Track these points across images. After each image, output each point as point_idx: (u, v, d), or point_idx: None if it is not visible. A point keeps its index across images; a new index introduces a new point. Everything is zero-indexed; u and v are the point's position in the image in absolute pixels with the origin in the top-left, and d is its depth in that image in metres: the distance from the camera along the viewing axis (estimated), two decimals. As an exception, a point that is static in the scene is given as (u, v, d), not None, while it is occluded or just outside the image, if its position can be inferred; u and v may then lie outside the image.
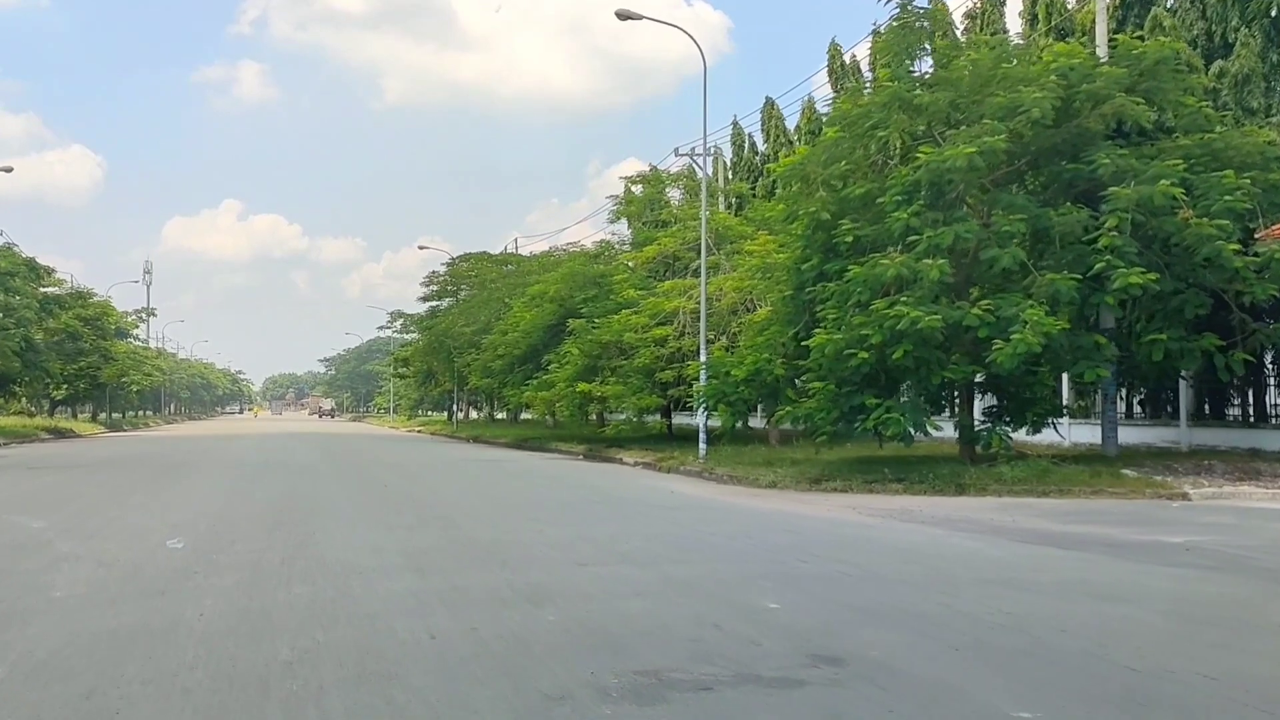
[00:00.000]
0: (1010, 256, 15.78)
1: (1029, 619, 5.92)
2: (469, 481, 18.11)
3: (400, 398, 79.28)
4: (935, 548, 9.38)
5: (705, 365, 21.05)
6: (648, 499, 14.76)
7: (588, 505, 13.61)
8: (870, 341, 15.99)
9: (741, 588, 6.92)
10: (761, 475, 17.96)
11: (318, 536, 9.63)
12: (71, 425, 50.25)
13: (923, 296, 15.84)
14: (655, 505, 13.68)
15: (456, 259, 49.37)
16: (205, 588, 6.80)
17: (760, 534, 10.25)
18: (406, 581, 7.09)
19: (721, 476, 18.95)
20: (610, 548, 9.05)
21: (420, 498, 14.42)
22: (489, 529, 10.46)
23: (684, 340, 25.16)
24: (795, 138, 38.50)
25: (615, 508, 13.30)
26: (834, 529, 10.86)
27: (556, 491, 16.12)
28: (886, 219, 16.82)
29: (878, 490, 16.19)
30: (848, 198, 17.79)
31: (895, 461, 18.18)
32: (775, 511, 12.83)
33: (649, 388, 25.49)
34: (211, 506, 12.60)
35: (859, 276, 16.46)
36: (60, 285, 47.53)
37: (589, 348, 26.22)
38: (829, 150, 18.14)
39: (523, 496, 15.07)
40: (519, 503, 13.88)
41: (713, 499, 14.98)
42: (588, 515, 12.13)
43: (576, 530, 10.40)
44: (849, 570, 7.74)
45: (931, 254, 16.04)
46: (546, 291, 32.67)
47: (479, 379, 36.74)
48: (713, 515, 12.27)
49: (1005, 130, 16.06)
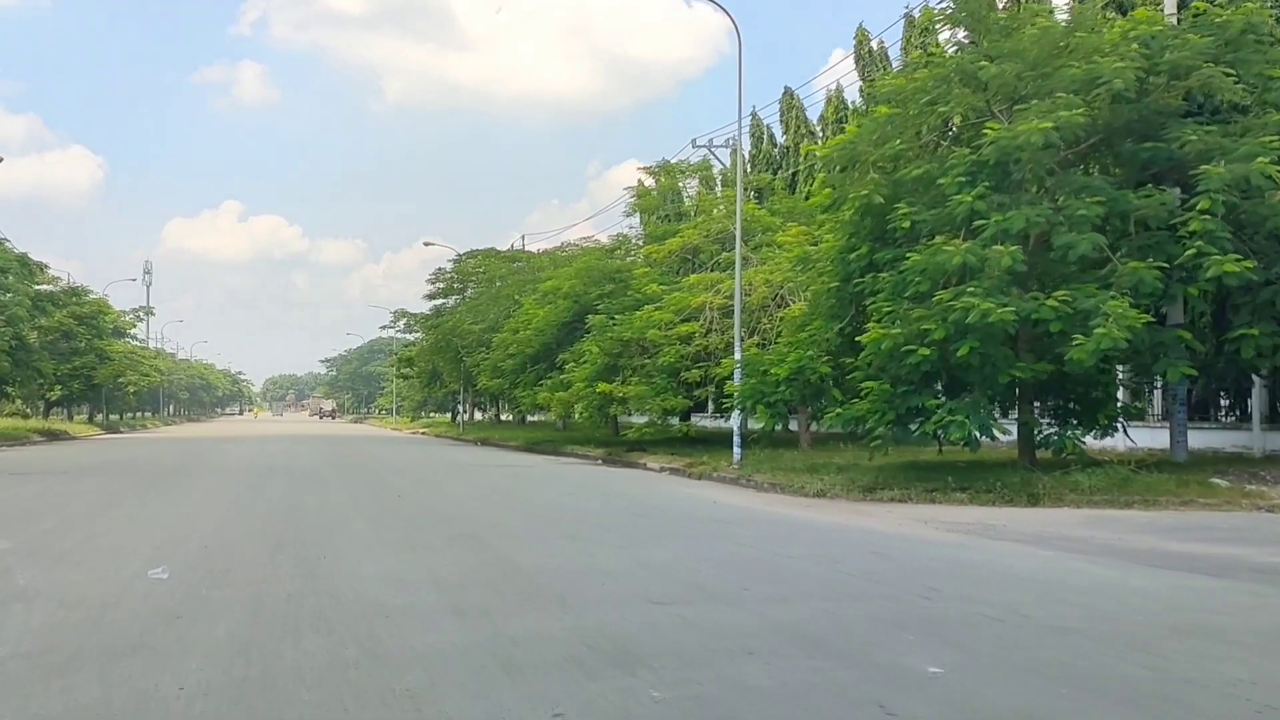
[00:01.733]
0: (1089, 243, 14.27)
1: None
2: (489, 490, 16.60)
3: (403, 399, 77.71)
4: (1062, 576, 7.89)
5: (740, 363, 19.55)
6: (691, 510, 13.26)
7: (628, 519, 12.10)
8: (932, 337, 14.52)
9: (876, 640, 5.42)
10: (807, 483, 16.47)
11: (328, 562, 8.13)
12: (66, 427, 48.72)
13: (991, 287, 14.36)
14: (704, 519, 12.17)
15: (463, 255, 47.87)
16: (190, 641, 5.29)
17: (845, 557, 8.75)
18: (447, 630, 5.59)
19: (761, 484, 17.45)
20: (679, 576, 7.55)
21: (439, 509, 12.91)
22: (527, 550, 8.96)
23: (710, 338, 23.67)
24: (819, 128, 37.03)
25: (661, 521, 11.80)
26: (924, 550, 9.36)
27: (587, 501, 14.62)
28: (948, 202, 15.33)
29: (940, 500, 14.71)
30: (902, 180, 16.28)
31: (946, 467, 16.76)
32: (843, 527, 11.32)
33: (673, 388, 24.01)
34: (205, 521, 11.09)
35: (918, 265, 14.98)
36: (54, 283, 46.04)
37: (609, 346, 24.72)
38: (881, 129, 16.62)
39: (553, 508, 13.56)
40: (551, 515, 12.37)
41: (763, 510, 13.49)
42: (634, 531, 10.62)
43: (630, 552, 8.90)
44: (988, 611, 6.24)
45: (999, 240, 14.57)
46: (560, 287, 31.18)
47: (488, 379, 35.20)
48: (776, 532, 10.77)
49: (1082, 104, 14.57)
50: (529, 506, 13.76)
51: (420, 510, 12.79)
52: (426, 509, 12.98)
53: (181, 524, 10.80)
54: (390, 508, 13.15)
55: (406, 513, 12.48)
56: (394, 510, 12.81)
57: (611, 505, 13.92)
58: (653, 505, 14.03)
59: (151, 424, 74.21)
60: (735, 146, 22.11)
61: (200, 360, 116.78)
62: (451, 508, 13.21)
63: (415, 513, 12.46)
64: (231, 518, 11.49)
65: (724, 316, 23.85)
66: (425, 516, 11.97)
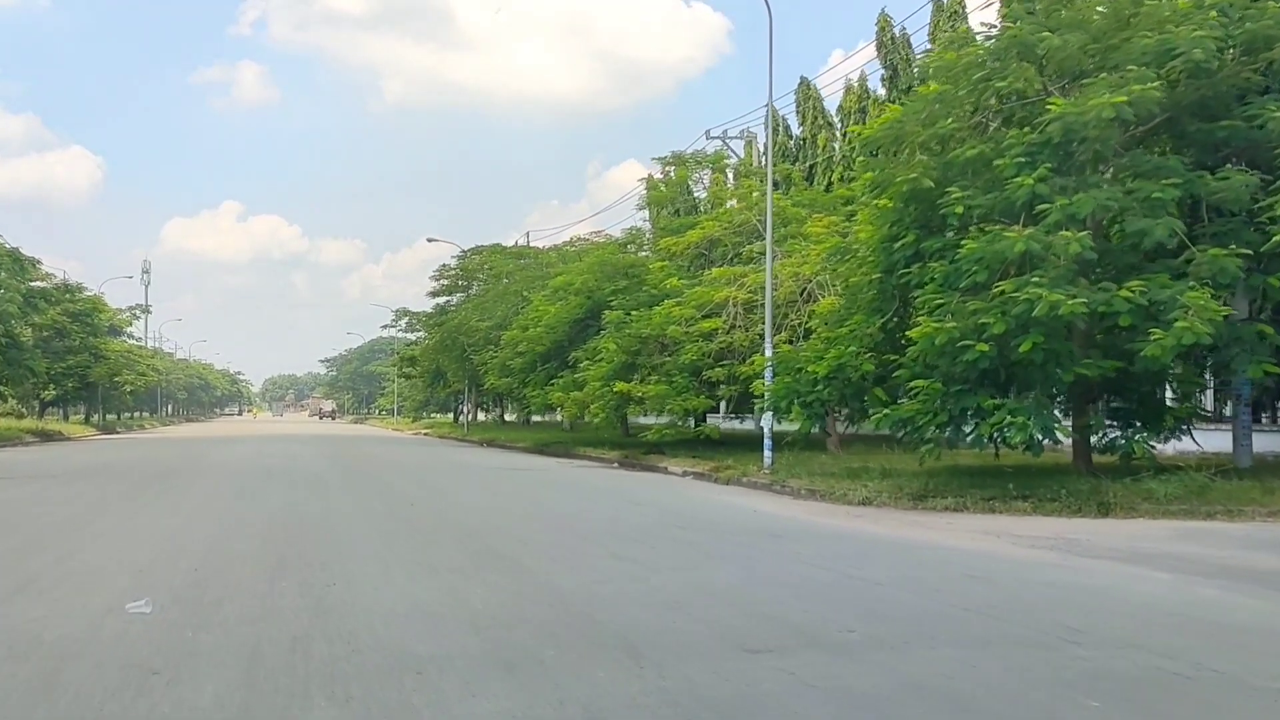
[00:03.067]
0: (1165, 228, 13.06)
1: None
2: (507, 496, 15.36)
3: (404, 399, 76.40)
4: (1207, 609, 6.67)
5: (772, 361, 18.32)
6: (734, 521, 12.04)
7: (669, 531, 10.86)
8: (990, 331, 13.31)
9: (1055, 710, 4.19)
10: (849, 489, 15.26)
11: (339, 590, 6.90)
12: (60, 428, 47.49)
13: (1058, 277, 13.16)
14: (753, 531, 10.94)
15: (468, 252, 46.61)
16: (166, 713, 4.07)
17: (938, 582, 7.52)
18: (497, 693, 4.36)
19: (798, 490, 16.23)
20: (758, 609, 6.33)
21: (457, 520, 11.67)
22: (568, 573, 7.73)
23: (734, 334, 22.44)
24: (837, 119, 35.81)
25: (706, 535, 10.56)
26: (1022, 573, 8.13)
27: (616, 509, 13.39)
28: (1005, 186, 14.12)
29: (1000, 509, 13.51)
30: (954, 162, 15.05)
31: (991, 473, 15.63)
32: (912, 543, 10.09)
33: (694, 387, 22.78)
34: (197, 536, 9.86)
35: (974, 253, 13.77)
36: (48, 279, 44.78)
37: (627, 343, 23.47)
38: (929, 108, 15.39)
39: (581, 517, 12.32)
40: (582, 527, 11.13)
41: (810, 521, 12.27)
42: (682, 548, 9.39)
43: (686, 576, 7.68)
44: (1162, 663, 5.01)
45: (1064, 226, 13.37)
46: (572, 283, 29.94)
47: (496, 378, 33.93)
48: (841, 548, 9.54)
49: (1154, 77, 13.36)
50: (555, 516, 12.52)
51: (436, 520, 11.55)
52: (443, 519, 11.74)
53: (171, 539, 9.57)
54: (403, 518, 11.91)
55: (421, 523, 11.25)
56: (407, 521, 11.57)
57: (645, 515, 12.68)
58: (689, 514, 12.80)
59: (149, 424, 72.96)
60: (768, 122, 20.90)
61: (199, 360, 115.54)
62: (470, 517, 11.98)
63: (431, 524, 11.23)
64: (227, 531, 10.25)
65: (749, 312, 22.65)
66: (443, 528, 10.74)
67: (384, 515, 12.15)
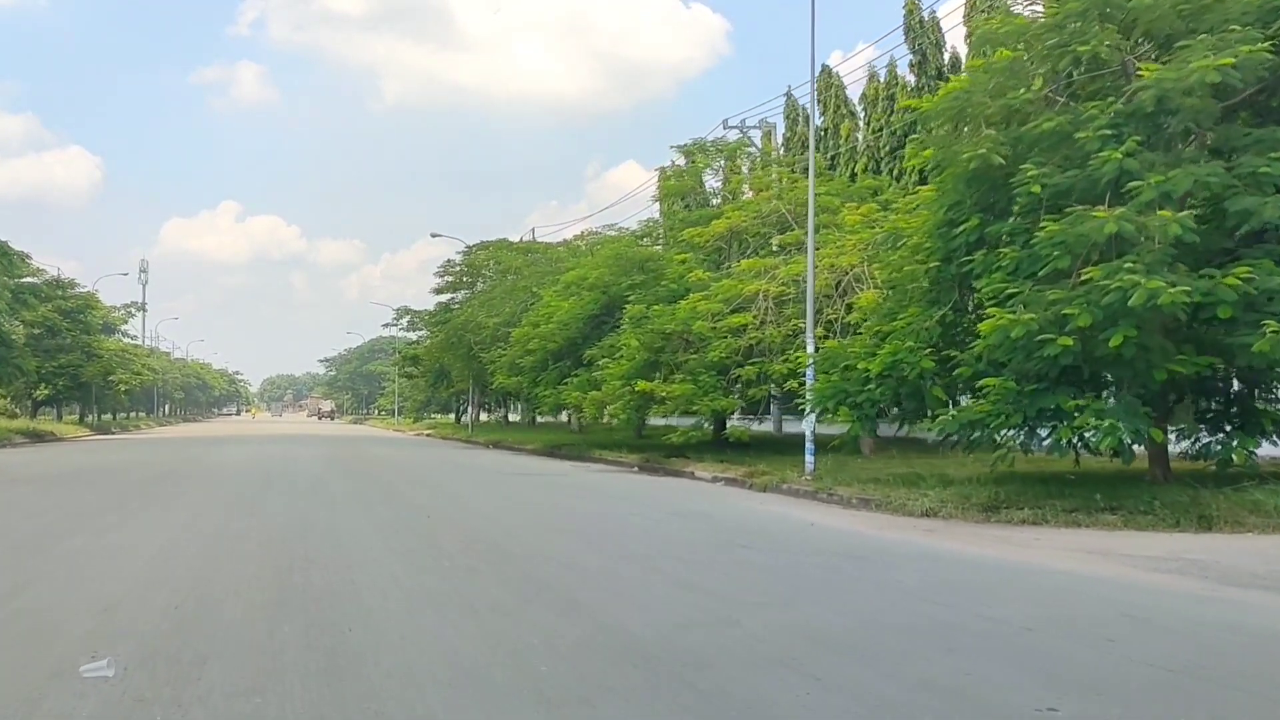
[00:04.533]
0: (1274, 208, 11.63)
1: None
2: (531, 506, 13.87)
3: (405, 399, 74.85)
4: None
5: (815, 358, 16.85)
6: (797, 538, 10.58)
7: (729, 551, 9.39)
8: (1074, 323, 11.86)
9: None
10: (907, 499, 13.80)
11: (358, 638, 5.44)
12: (52, 428, 45.95)
13: (1153, 262, 11.72)
14: (826, 550, 9.48)
15: (473, 247, 45.13)
16: None
17: (1097, 625, 6.06)
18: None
19: (848, 499, 14.77)
20: (903, 669, 4.86)
21: (484, 535, 10.19)
22: (634, 610, 6.27)
23: (765, 330, 20.96)
24: (860, 107, 34.36)
25: (774, 555, 9.10)
26: (1187, 610, 6.66)
27: (657, 521, 11.93)
28: (1089, 162, 12.68)
29: (1084, 523, 12.06)
30: (1026, 136, 13.60)
31: (1054, 480, 14.36)
32: (1021, 568, 8.64)
33: (722, 387, 21.31)
34: (183, 558, 8.40)
35: (1054, 237, 12.32)
36: (39, 275, 43.24)
37: (650, 339, 21.99)
38: (998, 77, 13.93)
39: (624, 533, 10.83)
40: (629, 545, 9.64)
41: (881, 538, 10.80)
42: (755, 574, 7.92)
43: (779, 616, 6.23)
44: None
45: (1160, 205, 11.94)
46: (586, 277, 28.44)
47: (505, 377, 32.41)
48: (944, 575, 8.07)
49: (1261, 37, 11.93)
50: (593, 530, 11.03)
51: (460, 537, 10.06)
52: (466, 534, 10.25)
53: (151, 563, 8.09)
54: (420, 532, 10.43)
55: (443, 540, 9.77)
56: (426, 537, 10.08)
57: (692, 529, 11.22)
58: (742, 528, 11.34)
59: (145, 424, 71.45)
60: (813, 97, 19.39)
61: (197, 360, 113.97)
62: (496, 531, 10.49)
63: (454, 540, 9.74)
64: (218, 551, 8.78)
65: (781, 306, 21.20)
66: (469, 547, 9.26)
67: (398, 529, 10.67)
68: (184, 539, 9.58)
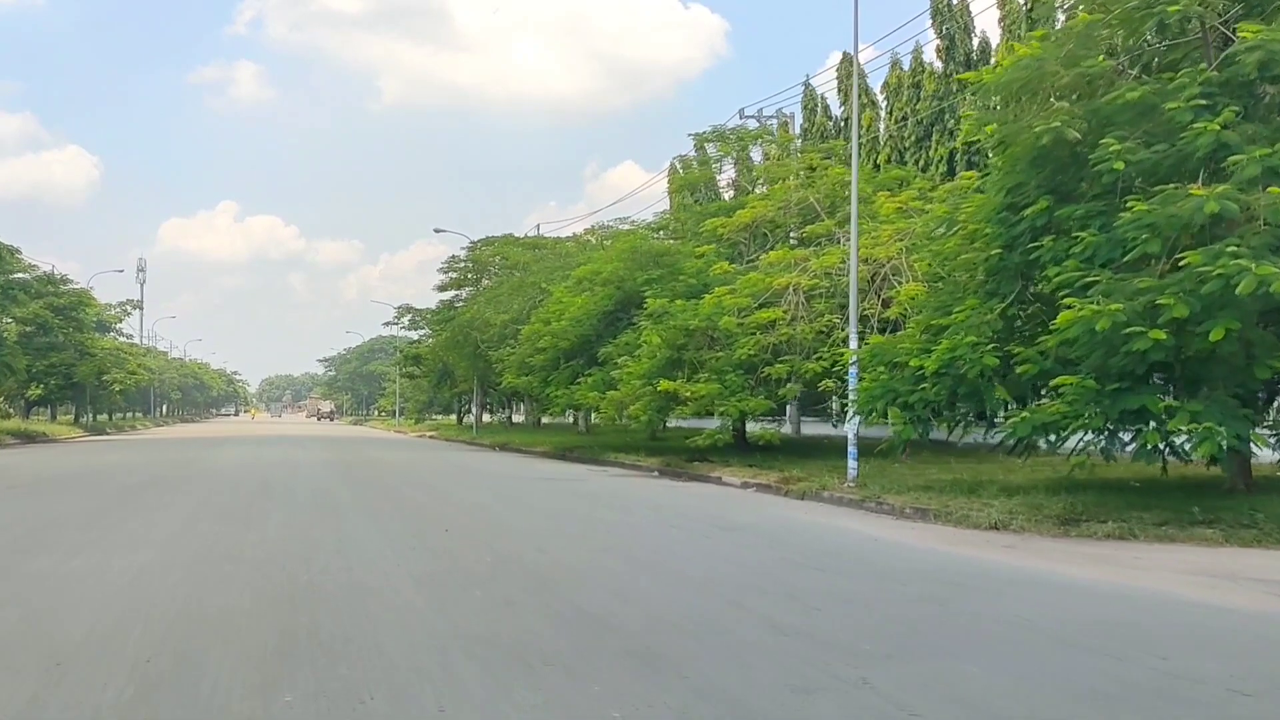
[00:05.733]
0: (1394, 184, 10.37)
1: None
2: (561, 519, 12.49)
3: (407, 399, 73.45)
4: None
5: (858, 355, 15.53)
6: (871, 558, 9.27)
7: (806, 576, 8.07)
8: (1169, 315, 10.59)
9: None
10: (968, 510, 12.51)
11: (382, 709, 4.13)
12: (45, 428, 44.62)
13: (1260, 246, 10.46)
14: (916, 575, 8.15)
15: (478, 243, 43.76)
16: None
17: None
18: None
19: (900, 509, 13.46)
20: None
21: (516, 556, 8.86)
22: (731, 668, 4.94)
23: (796, 327, 19.66)
24: (881, 96, 33.07)
25: (860, 583, 7.78)
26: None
27: (705, 537, 10.62)
28: (1181, 135, 11.42)
29: (1177, 538, 10.77)
30: (1103, 110, 12.32)
31: (1115, 488, 13.25)
32: (1156, 599, 7.32)
33: (750, 386, 20.01)
34: (162, 589, 7.07)
35: (1142, 219, 11.07)
36: (30, 271, 41.87)
37: (672, 336, 20.68)
38: (1072, 44, 12.63)
39: (674, 554, 9.47)
40: (687, 569, 8.31)
41: (965, 559, 9.48)
42: (856, 611, 6.60)
43: (917, 672, 4.92)
44: None
45: (1263, 182, 10.70)
46: (599, 271, 27.11)
47: (514, 377, 31.05)
48: (1075, 612, 6.73)
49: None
50: (636, 549, 9.70)
51: (487, 557, 8.73)
52: (495, 554, 8.93)
53: (124, 594, 6.77)
54: (441, 552, 9.10)
55: (469, 562, 8.44)
56: (449, 557, 8.75)
57: (747, 546, 9.90)
58: (803, 546, 10.03)
59: (141, 425, 70.07)
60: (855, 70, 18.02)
61: (195, 360, 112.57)
62: (527, 550, 9.17)
63: (482, 562, 8.43)
64: (206, 579, 7.46)
65: (813, 299, 19.91)
66: (501, 571, 7.94)
67: (415, 547, 9.34)
68: (167, 560, 8.25)
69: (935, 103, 29.50)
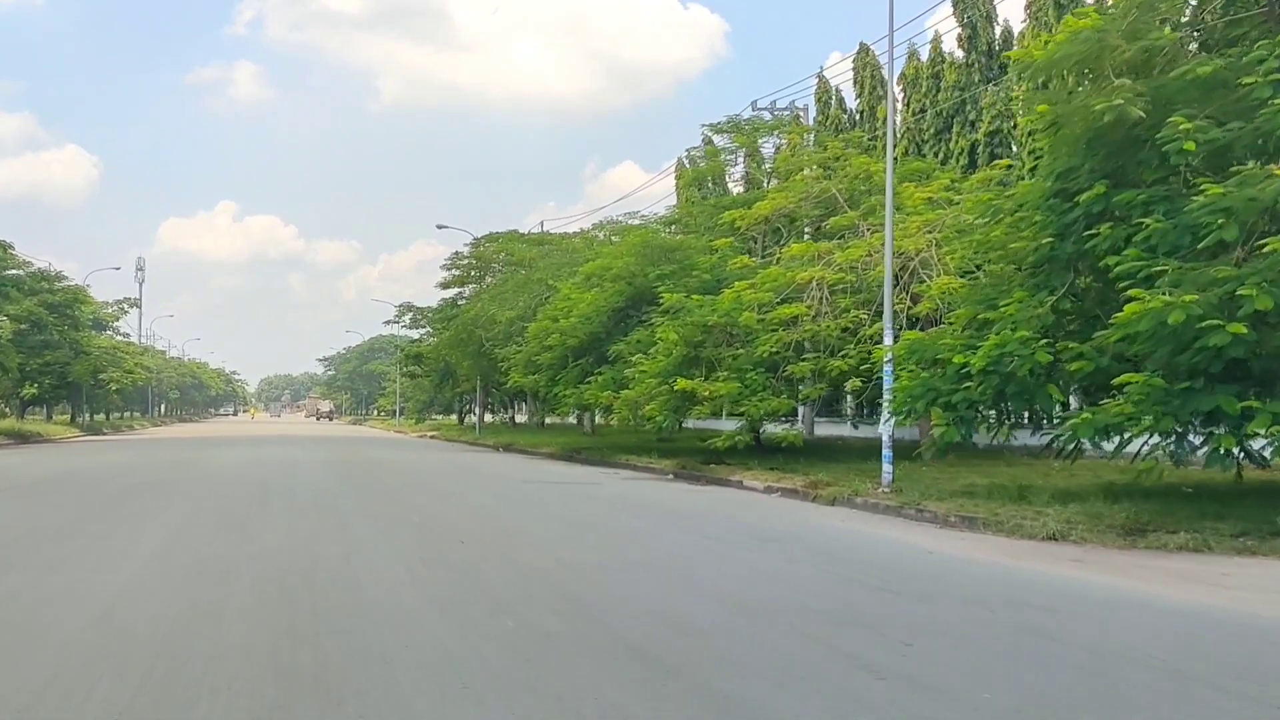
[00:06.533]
0: None
1: None
2: (584, 529, 11.55)
3: (408, 399, 72.48)
4: None
5: (896, 352, 14.61)
6: (945, 578, 8.34)
7: (878, 600, 7.15)
8: (1250, 307, 9.71)
9: None
10: (1021, 518, 11.57)
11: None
12: (40, 428, 43.68)
13: (1352, 231, 9.59)
14: (997, 600, 7.23)
15: (481, 239, 42.83)
16: None
17: None
18: None
19: (944, 517, 12.52)
20: None
21: (544, 573, 7.94)
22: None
23: (820, 323, 18.75)
24: (899, 87, 32.13)
25: (941, 608, 6.85)
26: None
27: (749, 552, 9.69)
28: (1260, 113, 10.53)
29: (1258, 550, 9.88)
30: (1169, 86, 11.43)
31: (1160, 495, 12.35)
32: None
33: (772, 386, 19.09)
34: (144, 615, 6.15)
35: (1217, 203, 10.21)
36: (23, 267, 40.93)
37: (690, 333, 19.76)
38: (1135, 14, 11.72)
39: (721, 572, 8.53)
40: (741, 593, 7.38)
41: (1032, 573, 8.57)
42: (948, 643, 5.68)
43: None
44: None
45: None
46: (610, 267, 26.20)
47: (521, 376, 30.13)
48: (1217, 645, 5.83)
49: None
50: (674, 565, 8.77)
51: (513, 576, 7.81)
52: (521, 573, 8.00)
53: (91, 630, 5.83)
54: (460, 568, 8.17)
55: (494, 582, 7.51)
56: (469, 576, 7.83)
57: (794, 560, 8.98)
58: (856, 560, 9.11)
59: (139, 425, 69.12)
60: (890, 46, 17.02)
61: (194, 359, 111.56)
62: (555, 568, 8.25)
63: (508, 583, 7.50)
64: (194, 602, 6.53)
65: (840, 293, 19.00)
66: (531, 594, 7.02)
67: (431, 564, 8.41)
68: (151, 581, 7.33)
69: (956, 93, 28.58)
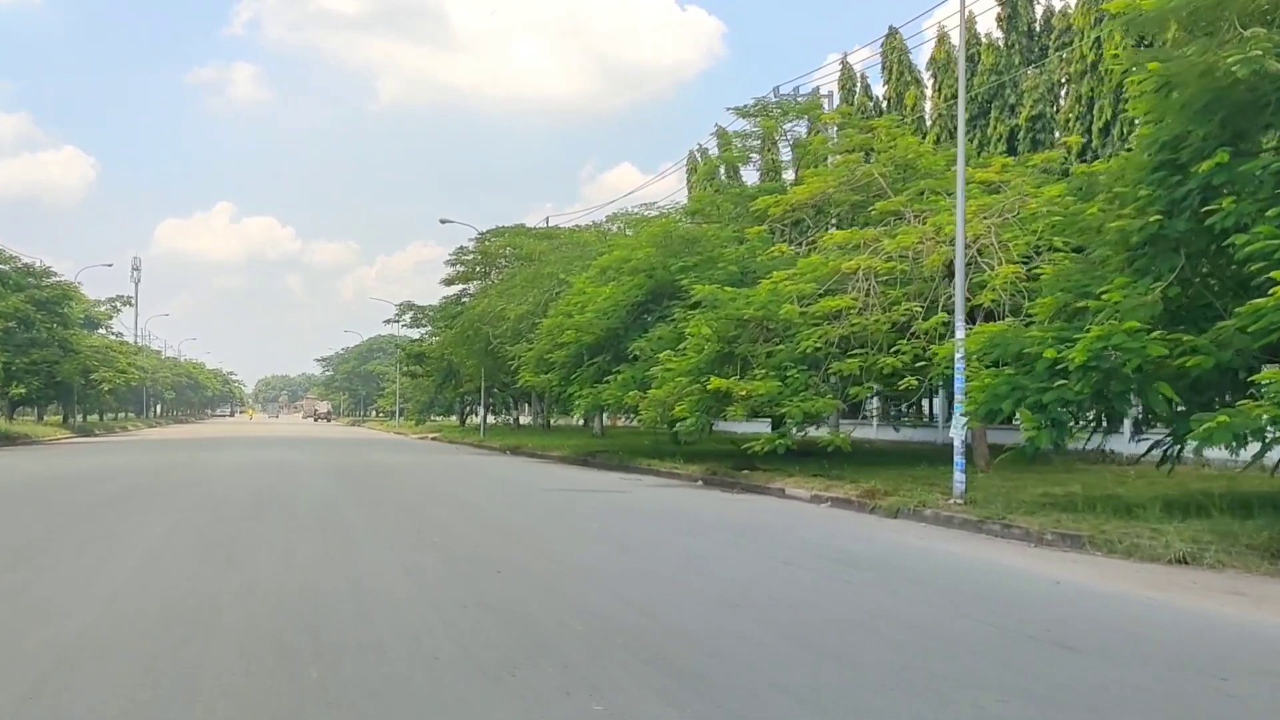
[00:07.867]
0: None
1: None
2: (636, 553, 9.90)
3: (408, 399, 70.74)
4: None
5: (963, 345, 13.00)
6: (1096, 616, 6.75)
7: (1038, 654, 5.56)
8: None
9: None
10: (1139, 538, 9.97)
11: None
12: (28, 430, 42.03)
13: None
14: (1196, 661, 5.64)
15: (486, 234, 41.21)
16: None
17: None
18: None
19: (1038, 534, 10.91)
20: None
21: (603, 612, 6.33)
22: None
23: (868, 316, 17.14)
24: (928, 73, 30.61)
25: (1132, 669, 5.23)
26: None
27: (834, 581, 8.07)
28: None
29: None
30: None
31: (1240, 502, 10.85)
32: None
33: (815, 384, 17.48)
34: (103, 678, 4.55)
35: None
36: (9, 262, 39.26)
37: (723, 328, 18.15)
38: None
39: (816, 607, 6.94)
40: (856, 644, 5.81)
41: (1187, 612, 6.98)
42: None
43: None
44: None
45: None
46: (629, 259, 24.59)
47: (532, 375, 28.47)
48: None
49: None
50: (757, 597, 7.15)
51: (575, 625, 6.20)
52: (582, 616, 6.39)
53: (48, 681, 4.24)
54: (500, 607, 6.55)
55: (554, 635, 5.89)
56: (512, 616, 6.21)
57: (897, 594, 7.38)
58: (984, 598, 7.49)
59: (133, 426, 67.43)
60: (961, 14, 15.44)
61: (190, 359, 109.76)
62: (616, 606, 6.64)
63: (572, 634, 5.88)
64: (168, 651, 4.91)
65: (889, 285, 17.40)
66: (607, 654, 5.41)
67: (464, 600, 6.77)
68: (110, 631, 5.70)
69: (992, 77, 27.00)
